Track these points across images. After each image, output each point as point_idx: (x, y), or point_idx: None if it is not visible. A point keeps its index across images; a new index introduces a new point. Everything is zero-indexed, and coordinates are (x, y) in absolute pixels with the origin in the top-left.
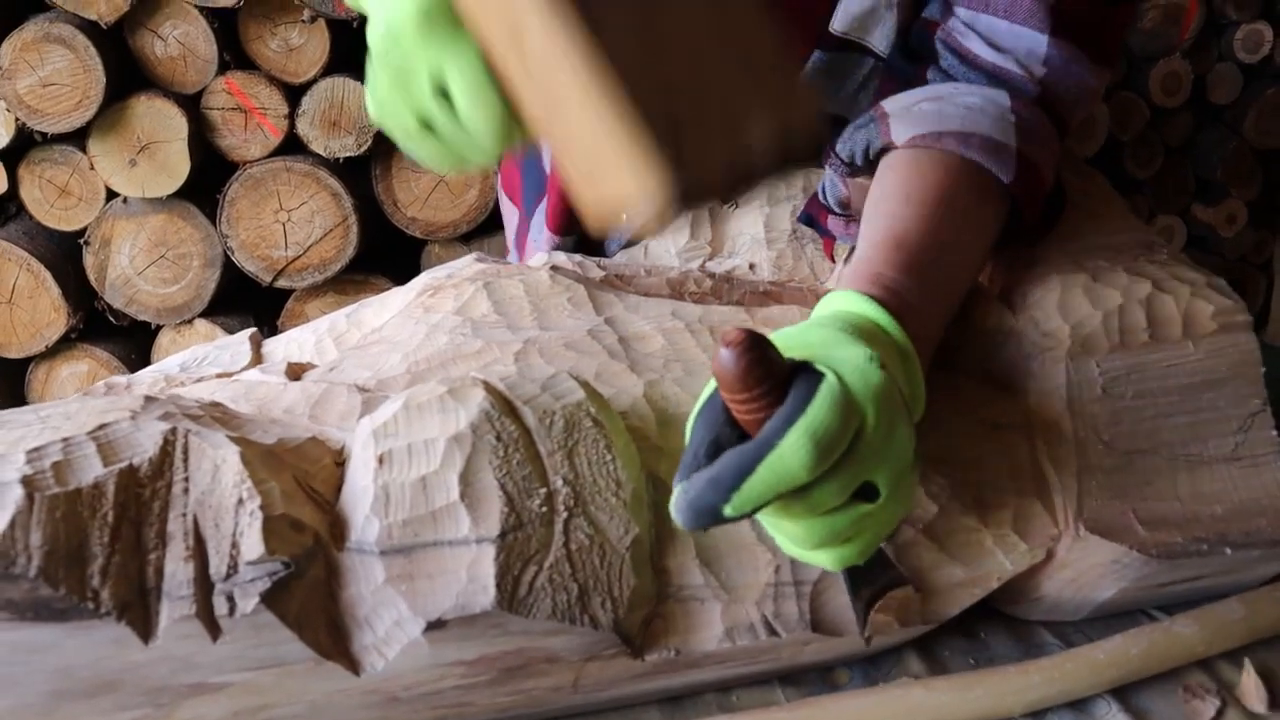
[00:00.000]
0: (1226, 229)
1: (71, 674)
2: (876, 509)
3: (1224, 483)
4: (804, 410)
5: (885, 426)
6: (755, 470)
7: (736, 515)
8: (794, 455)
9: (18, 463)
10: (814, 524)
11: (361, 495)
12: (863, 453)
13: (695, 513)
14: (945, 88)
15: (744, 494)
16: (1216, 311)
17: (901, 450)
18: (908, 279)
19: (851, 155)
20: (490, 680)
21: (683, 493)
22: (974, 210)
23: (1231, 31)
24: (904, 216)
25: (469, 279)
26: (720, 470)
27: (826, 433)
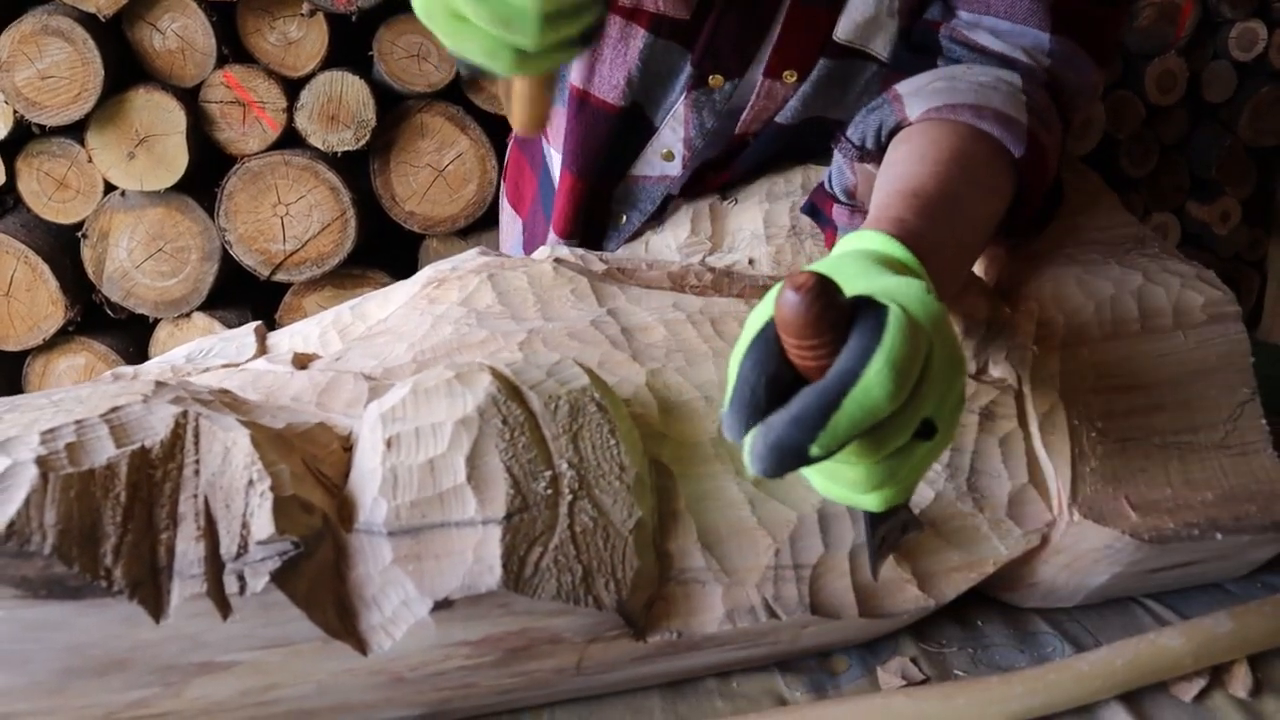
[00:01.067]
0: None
1: (83, 652)
2: (932, 447)
3: (1214, 470)
4: (880, 340)
5: (946, 355)
6: (841, 405)
7: (823, 454)
8: (880, 385)
9: (32, 443)
10: (876, 468)
11: (370, 477)
12: (931, 383)
13: (780, 455)
14: (957, 68)
15: (830, 431)
16: (1206, 302)
17: (959, 385)
18: (925, 224)
19: (863, 138)
20: (495, 661)
21: (761, 436)
22: (985, 176)
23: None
24: (919, 173)
25: (473, 271)
26: (802, 409)
27: (904, 360)
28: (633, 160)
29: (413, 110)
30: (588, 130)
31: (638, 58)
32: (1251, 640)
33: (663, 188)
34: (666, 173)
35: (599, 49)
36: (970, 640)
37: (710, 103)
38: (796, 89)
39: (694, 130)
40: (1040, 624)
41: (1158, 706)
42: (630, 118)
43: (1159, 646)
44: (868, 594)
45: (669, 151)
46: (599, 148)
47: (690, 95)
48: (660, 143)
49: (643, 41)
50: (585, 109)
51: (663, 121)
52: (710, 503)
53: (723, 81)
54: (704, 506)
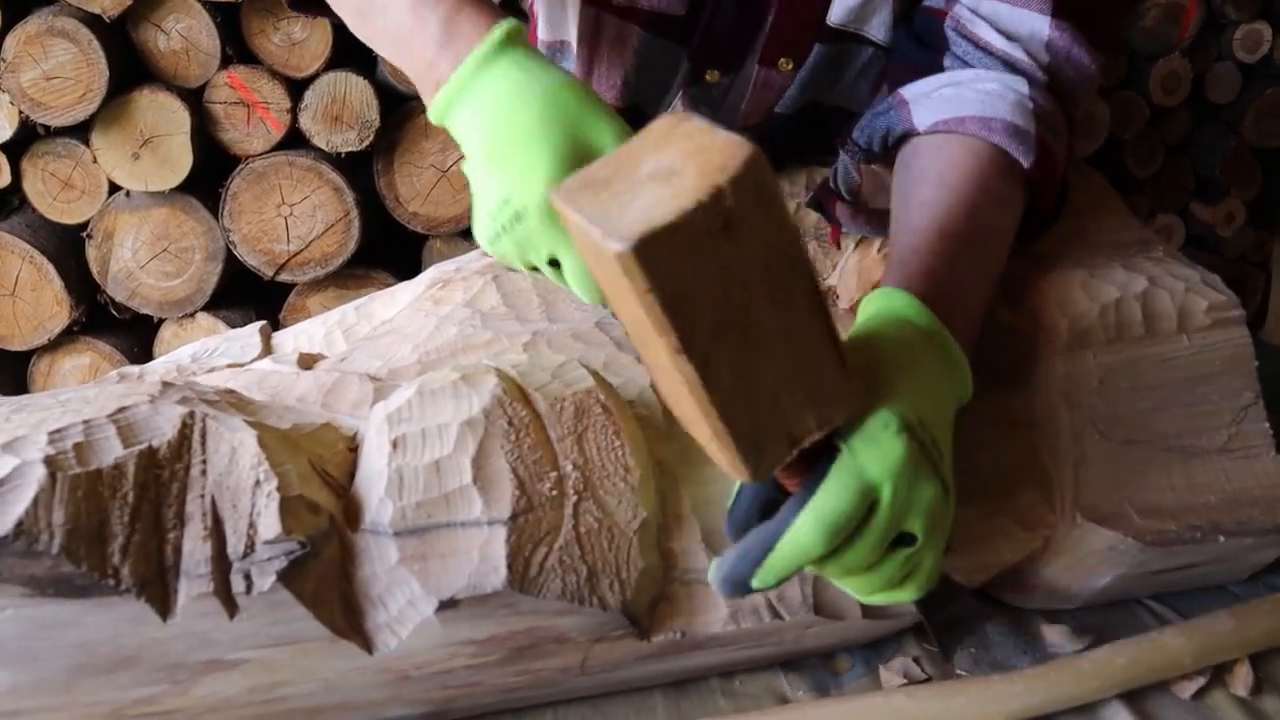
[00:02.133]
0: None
1: (91, 650)
2: (917, 551)
3: (1217, 473)
4: (814, 493)
5: (905, 491)
6: (775, 549)
7: (764, 587)
8: (806, 536)
9: (40, 443)
10: (865, 579)
11: (376, 478)
12: (881, 520)
13: (729, 585)
14: (964, 74)
15: (767, 570)
16: (1210, 306)
17: (927, 503)
18: (952, 267)
19: (870, 142)
20: (500, 660)
21: (717, 567)
22: (1003, 194)
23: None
24: (942, 203)
25: (478, 272)
26: (746, 547)
27: (834, 514)
28: None
29: (416, 111)
30: None
31: (634, 57)
32: (1252, 639)
33: None
34: None
35: (597, 49)
36: (973, 641)
37: (708, 98)
38: (793, 77)
39: None
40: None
41: (1159, 705)
42: (629, 117)
43: (1160, 645)
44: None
45: None
46: None
47: (688, 91)
48: None
49: (638, 40)
50: None
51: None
52: (714, 504)
53: (719, 76)
54: (708, 508)
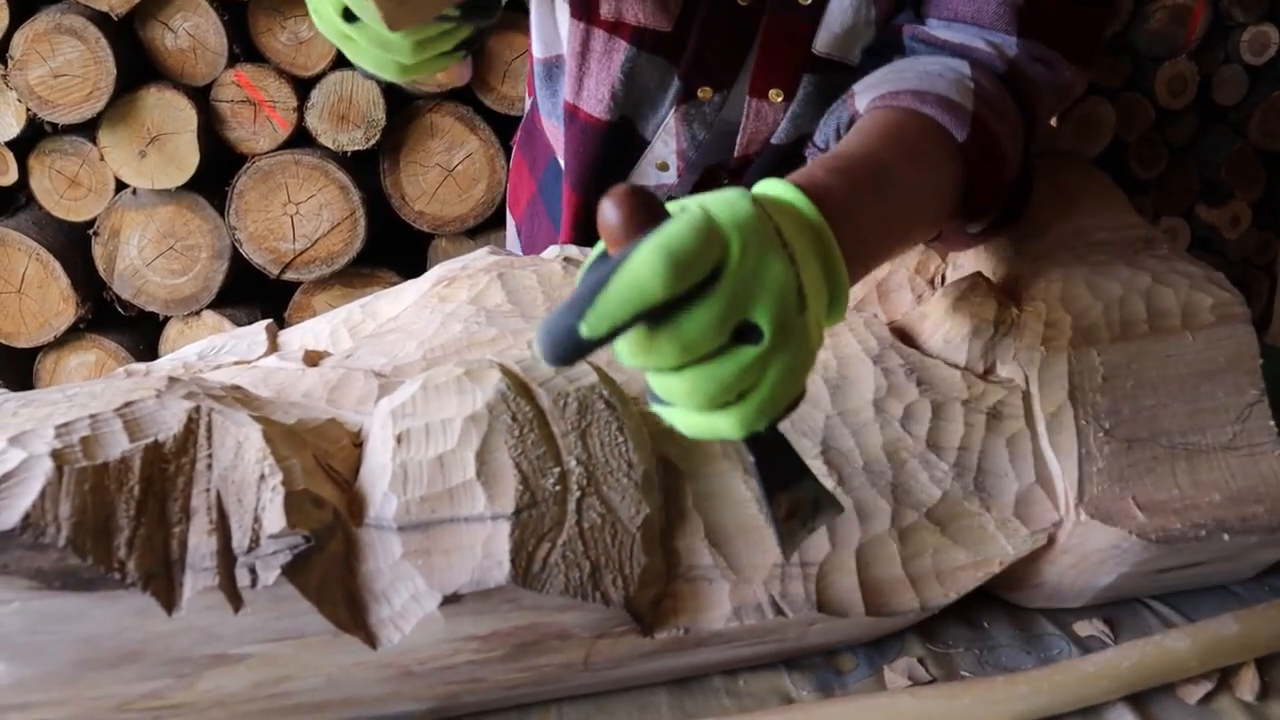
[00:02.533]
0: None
1: (96, 643)
2: (763, 352)
3: (1222, 471)
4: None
5: (754, 256)
6: (609, 283)
7: (594, 336)
8: (646, 265)
9: (47, 437)
10: (698, 375)
11: (380, 473)
12: (730, 283)
13: (553, 339)
14: (907, 60)
15: (599, 309)
16: (1215, 304)
17: (778, 284)
18: (837, 179)
19: (827, 141)
20: (503, 656)
21: (542, 323)
22: (922, 150)
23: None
24: (848, 142)
25: (483, 270)
26: (576, 292)
27: (680, 245)
28: (627, 172)
29: (422, 110)
30: (579, 145)
31: (620, 71)
32: (1258, 643)
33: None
34: (663, 181)
35: (585, 63)
36: (977, 641)
37: (700, 115)
38: (785, 109)
39: (686, 142)
40: (1046, 624)
41: (1164, 708)
42: (619, 132)
43: (1165, 649)
44: (874, 592)
45: (664, 163)
46: (590, 161)
47: (680, 109)
48: (654, 155)
49: (624, 55)
50: (575, 123)
51: (654, 135)
52: (718, 500)
53: (711, 94)
54: (711, 504)
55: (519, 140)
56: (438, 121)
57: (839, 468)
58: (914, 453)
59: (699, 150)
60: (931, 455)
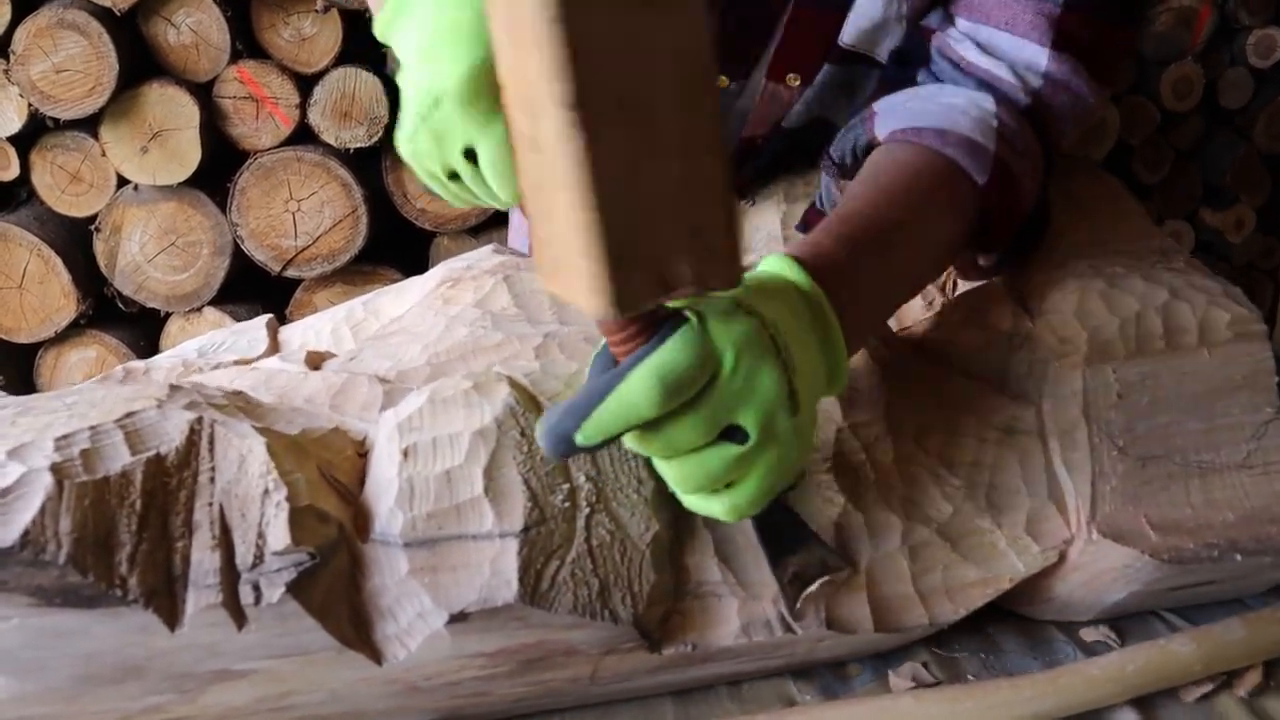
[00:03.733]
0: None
1: (98, 660)
2: (748, 451)
3: (1236, 490)
4: (656, 349)
5: (746, 370)
6: (604, 401)
7: (588, 444)
8: (639, 390)
9: (46, 450)
10: (685, 464)
11: (386, 488)
12: (719, 395)
13: (552, 439)
14: (932, 88)
15: (593, 422)
16: (1232, 320)
17: (767, 394)
18: (846, 250)
19: (842, 156)
20: (509, 672)
21: (544, 419)
22: (938, 202)
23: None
24: (862, 195)
25: (489, 271)
26: (575, 400)
27: (673, 371)
28: None
29: None
30: None
31: None
32: (1263, 648)
33: None
34: None
35: None
36: (983, 646)
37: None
38: (800, 93)
39: None
40: (1055, 633)
41: (1169, 713)
42: None
43: (1170, 653)
44: (884, 609)
45: None
46: None
47: None
48: None
49: None
50: None
51: None
52: None
53: (728, 82)
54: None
55: None
56: None
57: (850, 482)
58: (925, 467)
59: None
60: (943, 470)
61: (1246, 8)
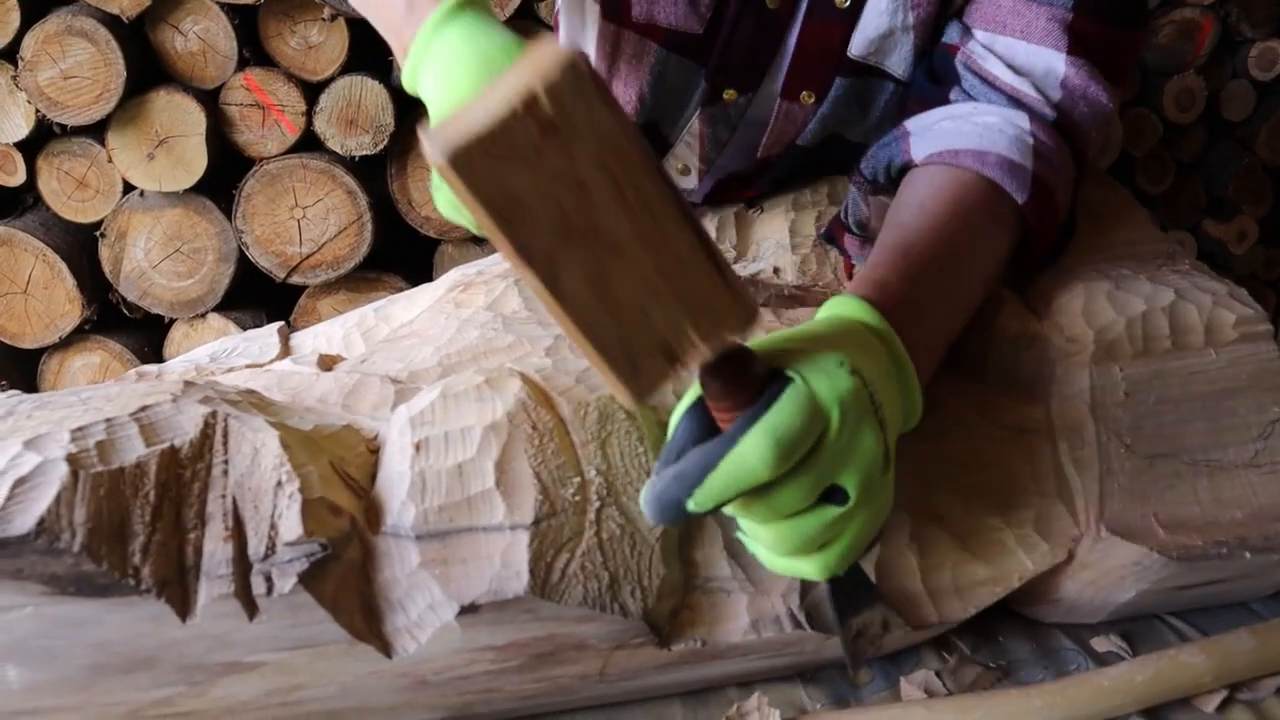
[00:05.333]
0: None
1: (110, 649)
2: (846, 513)
3: (1244, 488)
4: (767, 411)
5: (850, 430)
6: (718, 466)
7: (700, 510)
8: (755, 453)
9: (63, 441)
10: (783, 527)
11: (398, 481)
12: (826, 456)
13: (660, 506)
14: (965, 107)
15: (706, 489)
16: (1238, 320)
17: (869, 454)
18: (911, 287)
19: (874, 173)
20: (519, 666)
21: (650, 486)
22: (986, 226)
23: (1246, 49)
24: (915, 226)
25: (499, 276)
26: (685, 466)
27: (787, 432)
28: None
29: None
30: None
31: (650, 74)
32: (1272, 658)
33: None
34: (683, 186)
35: (615, 66)
36: (992, 655)
37: (724, 117)
38: (815, 111)
39: (709, 144)
40: (1062, 639)
41: None
42: (647, 134)
43: (1180, 663)
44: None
45: (685, 165)
46: None
47: (704, 111)
48: (675, 157)
49: (655, 57)
50: None
51: (678, 137)
52: None
53: (736, 95)
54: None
55: None
56: None
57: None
58: (934, 466)
59: (721, 152)
60: (951, 469)
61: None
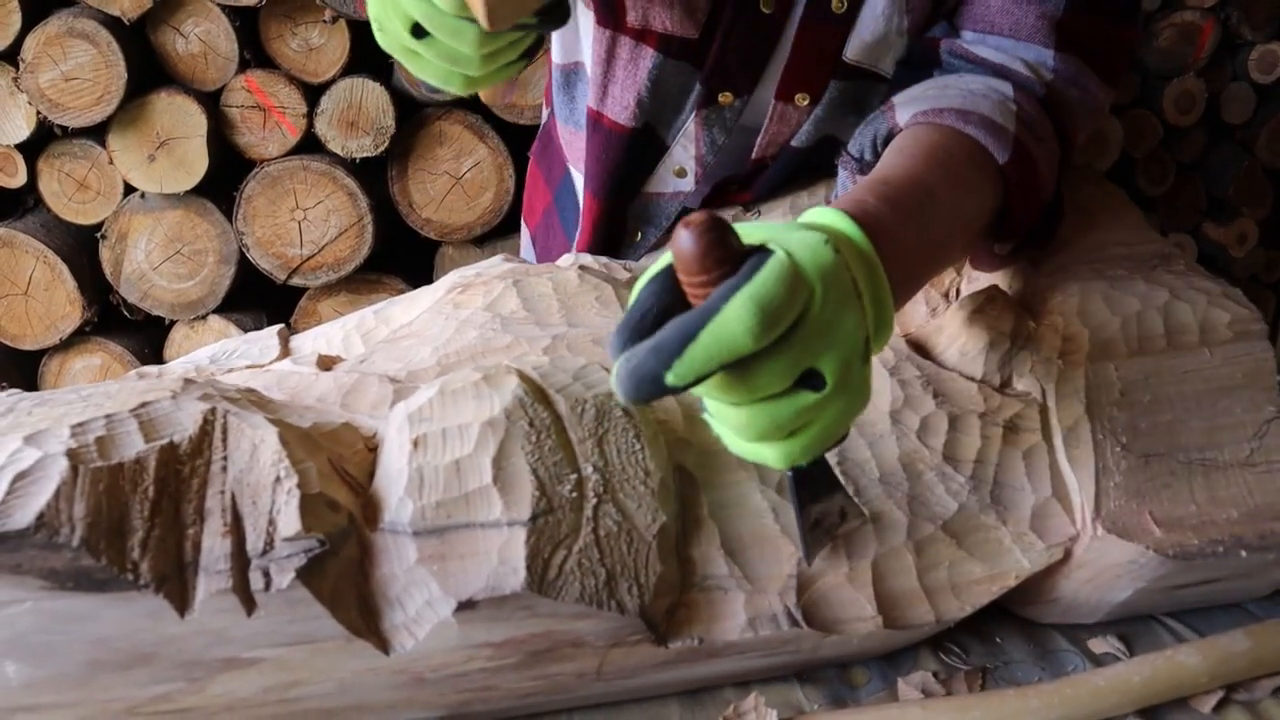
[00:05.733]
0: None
1: (108, 645)
2: (822, 399)
3: (1239, 487)
4: (750, 279)
5: (833, 307)
6: (698, 336)
7: (679, 384)
8: (738, 320)
9: (62, 436)
10: (756, 410)
11: (396, 477)
12: (808, 332)
13: (636, 381)
14: (950, 77)
15: (686, 360)
16: (1233, 320)
17: (848, 337)
18: (890, 210)
19: (861, 150)
20: (516, 664)
21: (624, 361)
22: (965, 173)
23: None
24: (894, 164)
25: (498, 277)
26: (663, 337)
27: (771, 300)
28: (646, 178)
29: (431, 118)
30: (602, 151)
31: (646, 78)
32: (1268, 660)
33: (676, 204)
34: (680, 189)
35: (611, 70)
36: (989, 655)
37: (720, 120)
38: (809, 112)
39: (705, 147)
40: (1059, 639)
41: None
42: (642, 138)
43: (1176, 664)
44: (890, 605)
45: (681, 168)
46: (613, 168)
47: (700, 113)
48: (672, 160)
49: (652, 62)
50: (599, 130)
51: (674, 140)
52: (733, 510)
53: (732, 99)
54: (727, 514)
55: (535, 151)
56: (446, 129)
57: (855, 479)
58: (930, 465)
59: (717, 155)
60: (948, 468)
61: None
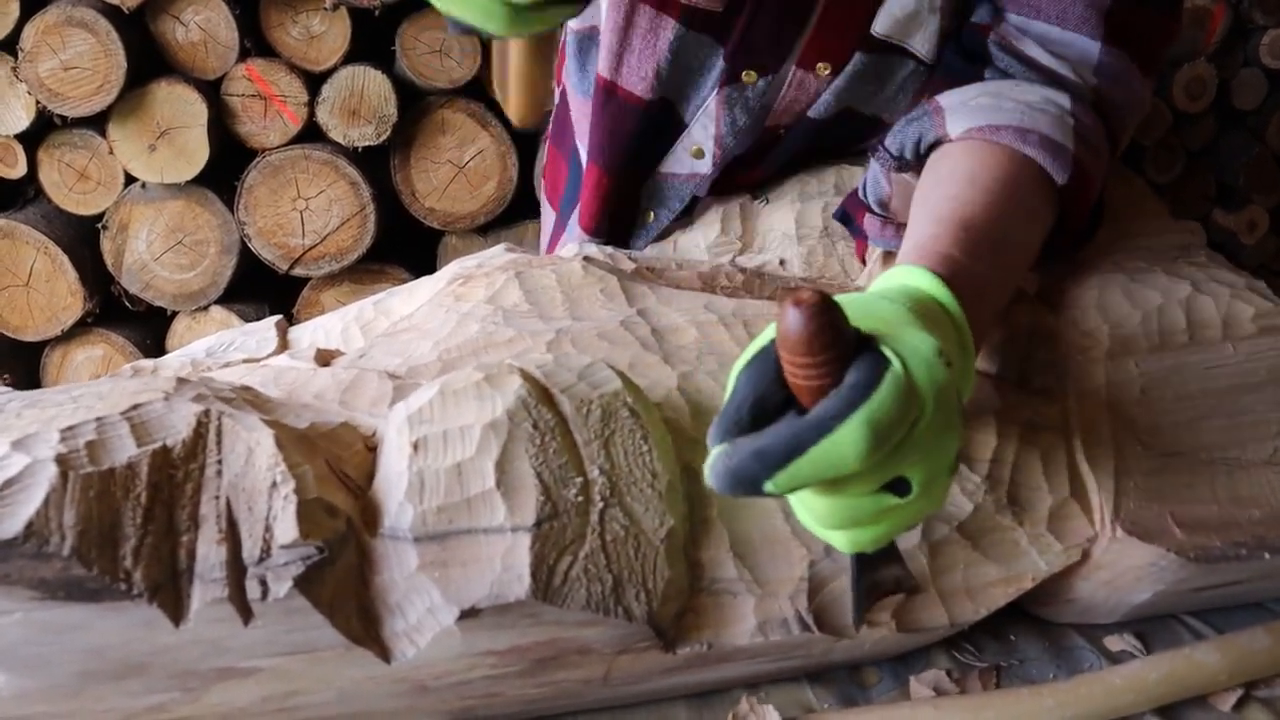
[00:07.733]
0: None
1: (101, 655)
2: (905, 505)
3: (1263, 487)
4: (868, 397)
5: (939, 425)
6: (807, 453)
7: (776, 492)
8: (851, 444)
9: (51, 441)
10: (838, 504)
11: (396, 481)
12: (908, 447)
13: (735, 481)
14: (1004, 84)
15: (790, 474)
16: (1257, 314)
17: (945, 451)
18: (974, 263)
19: (901, 149)
20: (521, 671)
21: (724, 456)
22: (1033, 206)
23: (1258, 37)
24: (970, 200)
25: (500, 268)
26: (770, 444)
27: (887, 424)
28: (661, 156)
29: (434, 106)
30: (614, 123)
31: (667, 50)
32: None
33: (691, 186)
34: (696, 170)
35: (628, 39)
36: (1004, 654)
37: (743, 99)
38: (830, 82)
39: (725, 127)
40: (1076, 638)
41: None
42: (659, 111)
43: (1194, 662)
44: (903, 608)
45: (699, 149)
46: (626, 141)
47: (722, 91)
48: (690, 139)
49: (673, 33)
50: (612, 100)
51: (693, 118)
52: (743, 511)
53: (756, 78)
54: (736, 515)
55: (551, 135)
56: (449, 118)
57: None
58: None
59: (737, 136)
60: (963, 467)
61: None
